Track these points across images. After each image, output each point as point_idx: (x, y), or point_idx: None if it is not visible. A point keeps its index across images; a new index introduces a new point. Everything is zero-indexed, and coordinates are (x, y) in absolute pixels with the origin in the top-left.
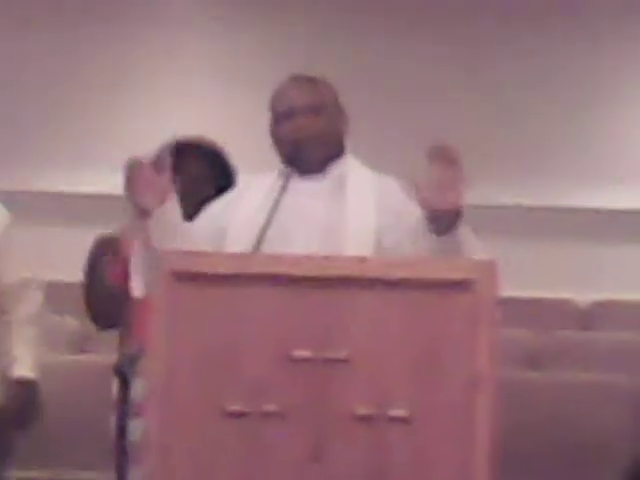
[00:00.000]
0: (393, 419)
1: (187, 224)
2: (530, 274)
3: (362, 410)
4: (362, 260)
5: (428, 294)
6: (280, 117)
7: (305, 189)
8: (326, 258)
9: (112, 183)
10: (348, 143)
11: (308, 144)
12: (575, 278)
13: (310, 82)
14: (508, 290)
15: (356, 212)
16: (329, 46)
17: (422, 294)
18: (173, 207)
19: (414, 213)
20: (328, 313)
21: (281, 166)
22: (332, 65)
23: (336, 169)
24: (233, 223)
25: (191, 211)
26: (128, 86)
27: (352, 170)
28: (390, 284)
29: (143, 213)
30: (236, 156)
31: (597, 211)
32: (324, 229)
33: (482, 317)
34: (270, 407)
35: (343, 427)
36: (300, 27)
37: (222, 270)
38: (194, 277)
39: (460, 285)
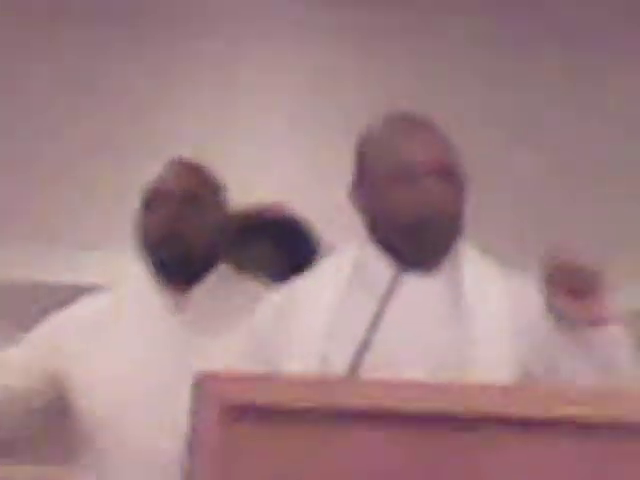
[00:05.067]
0: None
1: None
2: None
3: None
4: (510, 391)
5: (615, 441)
6: (393, 179)
7: (412, 294)
8: (455, 387)
9: None
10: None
11: (437, 222)
12: None
13: (432, 131)
14: None
15: (487, 335)
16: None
17: (605, 440)
18: None
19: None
20: (459, 467)
21: (358, 251)
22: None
23: (451, 264)
24: (291, 346)
25: None
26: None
27: (471, 267)
28: (554, 426)
29: None
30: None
31: None
32: (440, 356)
33: None
34: None
35: None
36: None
37: (300, 402)
38: (257, 411)
39: None
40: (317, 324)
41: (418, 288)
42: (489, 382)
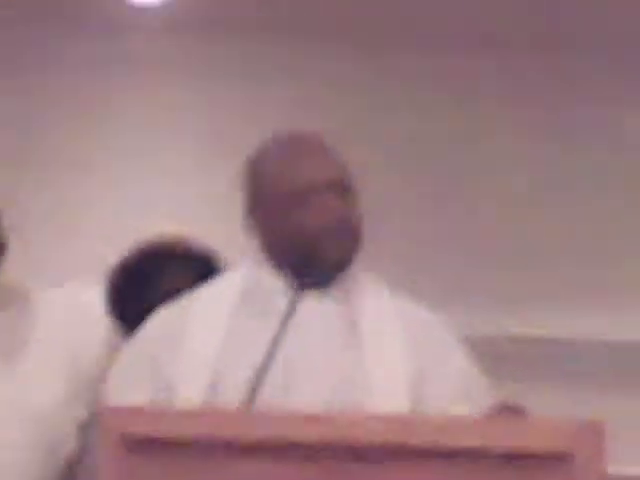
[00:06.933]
0: None
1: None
2: None
3: None
4: (407, 421)
5: (505, 471)
6: (293, 198)
7: (310, 314)
8: (353, 417)
9: None
10: None
11: (340, 234)
12: None
13: (324, 149)
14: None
15: (381, 350)
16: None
17: (496, 470)
18: None
19: (458, 357)
20: None
21: (249, 270)
22: None
23: (343, 282)
24: (181, 373)
25: None
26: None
27: (363, 286)
28: (448, 456)
29: None
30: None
31: None
32: (337, 376)
33: None
34: None
35: None
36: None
37: (199, 434)
38: (156, 444)
39: (552, 459)
40: (209, 347)
41: (315, 308)
42: (378, 411)
